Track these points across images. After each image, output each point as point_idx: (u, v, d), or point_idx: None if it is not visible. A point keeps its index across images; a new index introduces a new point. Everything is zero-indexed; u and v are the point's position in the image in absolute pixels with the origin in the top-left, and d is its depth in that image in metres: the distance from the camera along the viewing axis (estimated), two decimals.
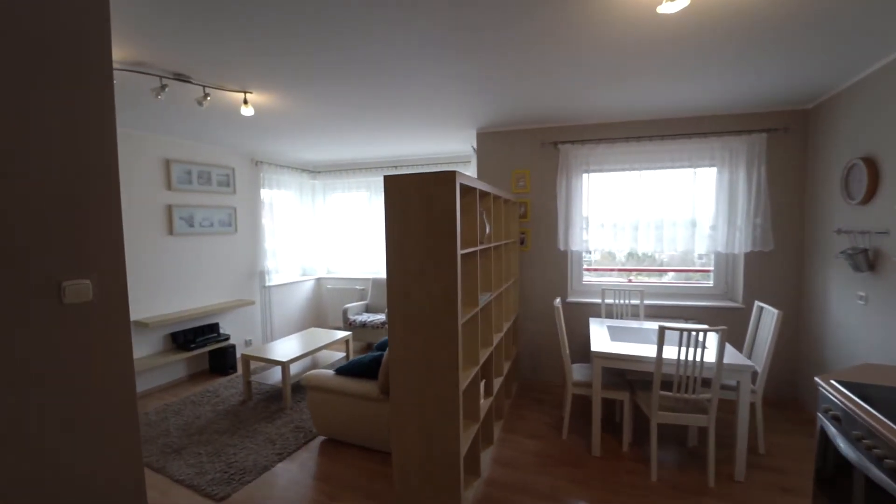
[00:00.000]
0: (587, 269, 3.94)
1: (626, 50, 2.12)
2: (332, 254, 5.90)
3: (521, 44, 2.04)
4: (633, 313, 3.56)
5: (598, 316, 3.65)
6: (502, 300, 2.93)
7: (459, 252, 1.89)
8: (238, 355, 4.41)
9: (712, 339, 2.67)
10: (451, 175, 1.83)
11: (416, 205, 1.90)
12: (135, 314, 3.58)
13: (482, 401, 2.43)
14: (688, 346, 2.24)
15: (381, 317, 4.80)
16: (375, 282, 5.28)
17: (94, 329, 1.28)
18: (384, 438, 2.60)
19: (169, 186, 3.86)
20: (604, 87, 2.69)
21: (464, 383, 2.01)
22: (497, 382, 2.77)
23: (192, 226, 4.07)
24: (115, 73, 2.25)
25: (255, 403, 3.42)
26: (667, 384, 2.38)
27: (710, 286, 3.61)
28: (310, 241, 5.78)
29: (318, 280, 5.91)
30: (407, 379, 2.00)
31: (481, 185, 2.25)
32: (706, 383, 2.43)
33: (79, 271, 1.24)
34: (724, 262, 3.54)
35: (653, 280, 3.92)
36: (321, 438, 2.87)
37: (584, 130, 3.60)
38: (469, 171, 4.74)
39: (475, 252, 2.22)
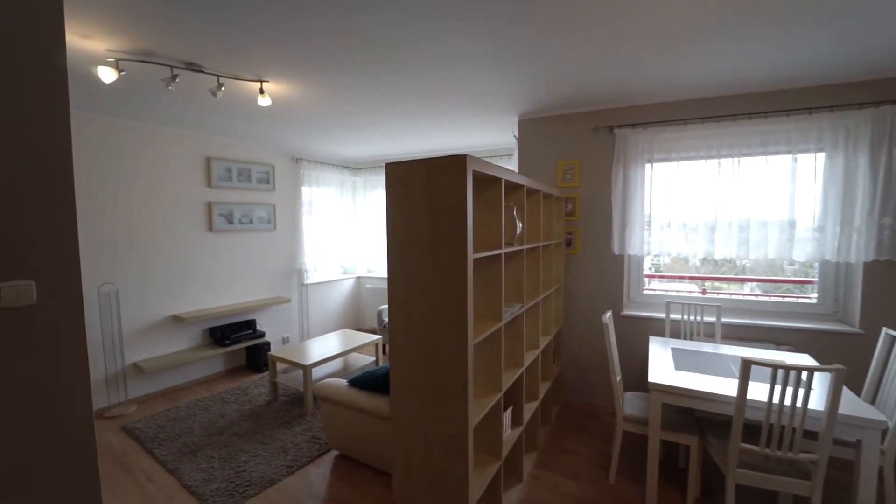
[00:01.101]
0: (648, 276, 3.35)
1: None
2: (372, 252, 5.77)
3: (574, 8, 1.63)
4: (707, 333, 2.93)
5: (661, 334, 3.05)
6: (540, 312, 2.51)
7: (472, 256, 1.53)
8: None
9: (820, 377, 2.04)
10: (460, 160, 1.48)
11: (419, 197, 1.57)
12: (171, 309, 3.65)
13: (507, 432, 2.05)
14: (784, 386, 1.67)
15: None
16: None
17: (39, 336, 1.15)
18: None
19: (209, 183, 3.91)
20: (674, 54, 2.15)
21: (477, 417, 1.65)
22: (529, 408, 2.36)
23: (231, 223, 4.11)
24: (123, 63, 2.20)
25: (279, 406, 3.32)
26: (752, 429, 1.82)
27: (814, 303, 2.86)
28: (350, 238, 5.69)
29: (358, 279, 5.81)
30: (408, 405, 1.68)
31: (508, 175, 1.87)
32: (809, 434, 1.84)
33: (20, 271, 1.12)
34: (833, 273, 2.78)
35: (732, 291, 3.23)
36: (335, 453, 2.65)
37: (646, 111, 3.03)
38: (512, 165, 4.30)
39: (498, 256, 1.84)
